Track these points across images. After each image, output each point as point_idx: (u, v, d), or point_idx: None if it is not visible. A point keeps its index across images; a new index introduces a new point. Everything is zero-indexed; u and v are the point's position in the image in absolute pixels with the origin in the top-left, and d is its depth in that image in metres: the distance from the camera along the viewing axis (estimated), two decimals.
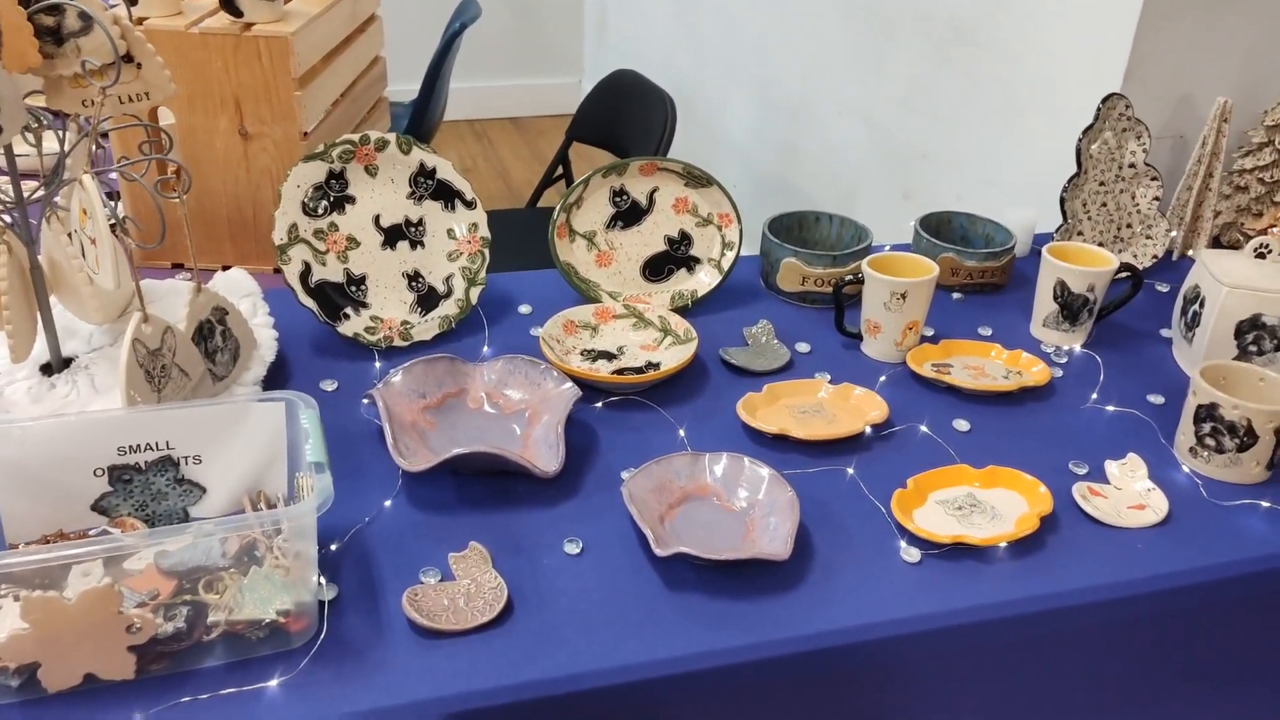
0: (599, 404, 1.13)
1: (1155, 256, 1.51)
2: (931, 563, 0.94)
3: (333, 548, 0.89)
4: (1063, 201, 1.46)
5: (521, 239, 2.32)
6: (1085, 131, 1.44)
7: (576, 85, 4.70)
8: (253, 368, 1.07)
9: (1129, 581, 0.93)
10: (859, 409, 1.14)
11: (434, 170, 1.24)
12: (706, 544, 0.93)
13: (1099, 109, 1.44)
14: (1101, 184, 1.48)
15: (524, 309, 1.32)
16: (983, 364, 1.25)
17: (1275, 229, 1.38)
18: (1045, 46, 1.74)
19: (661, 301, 1.33)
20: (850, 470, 1.04)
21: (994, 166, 1.92)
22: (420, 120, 2.76)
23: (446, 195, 1.25)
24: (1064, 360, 1.28)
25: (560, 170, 2.60)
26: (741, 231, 1.35)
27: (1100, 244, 1.50)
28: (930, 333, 1.32)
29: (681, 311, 1.33)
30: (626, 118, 2.34)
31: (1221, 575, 0.95)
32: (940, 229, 1.52)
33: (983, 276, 1.43)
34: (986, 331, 1.34)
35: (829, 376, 1.21)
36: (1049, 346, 1.31)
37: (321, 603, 0.83)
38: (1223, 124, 1.51)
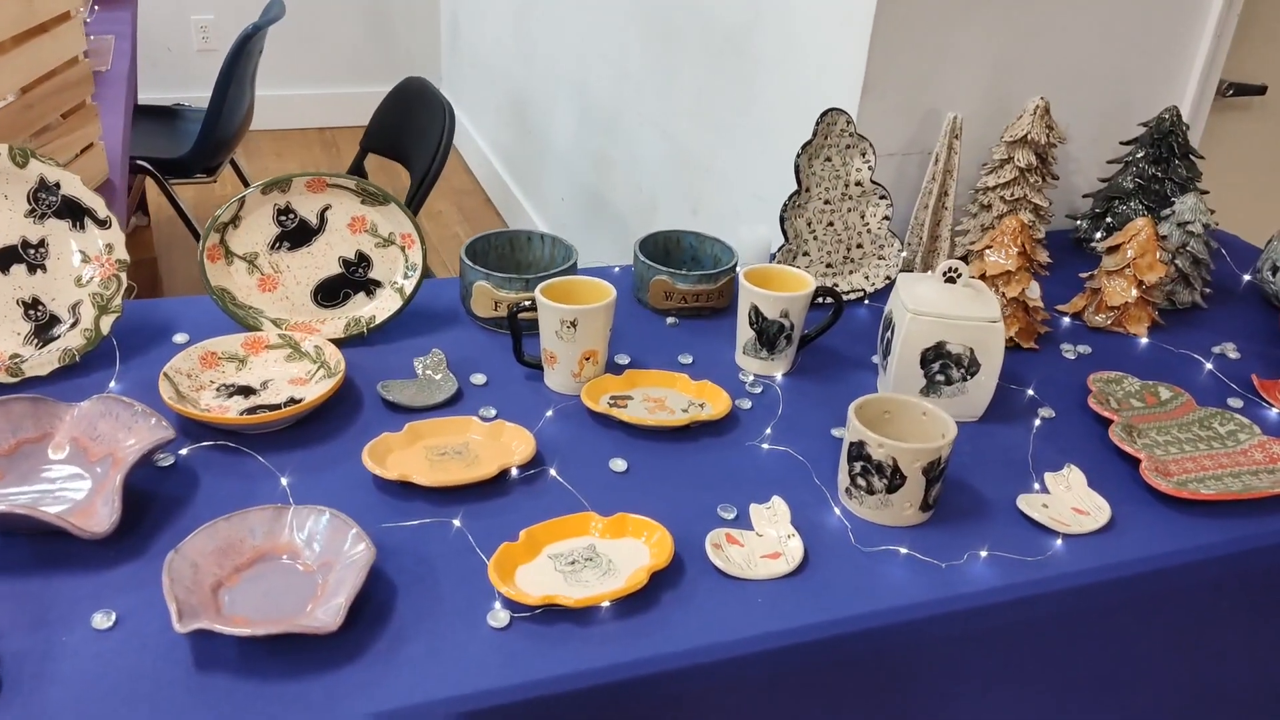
0: (185, 450, 1.02)
1: (889, 278, 1.46)
2: (522, 628, 0.85)
3: None
4: (783, 221, 1.39)
5: None
6: (804, 148, 1.37)
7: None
8: None
9: (731, 642, 0.85)
10: (508, 449, 1.05)
11: (58, 185, 1.12)
12: (270, 612, 0.82)
13: (817, 126, 1.37)
14: (827, 202, 1.41)
15: (180, 338, 1.20)
16: (665, 395, 1.17)
17: (990, 250, 1.33)
18: (798, 56, 1.68)
19: (335, 329, 1.22)
20: (456, 522, 0.95)
21: (763, 181, 1.85)
22: (214, 126, 2.62)
23: (74, 213, 1.13)
24: (759, 390, 1.21)
25: None
26: (426, 253, 1.26)
27: (829, 265, 1.44)
28: (626, 360, 1.24)
29: (358, 340, 1.23)
30: (412, 128, 2.23)
31: (841, 630, 0.88)
32: (670, 249, 1.44)
33: (698, 300, 1.35)
34: (687, 360, 1.26)
35: (494, 412, 1.12)
36: (748, 375, 1.24)
37: None
38: (954, 139, 1.46)
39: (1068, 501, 1.04)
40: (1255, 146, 2.00)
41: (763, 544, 0.96)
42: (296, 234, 1.22)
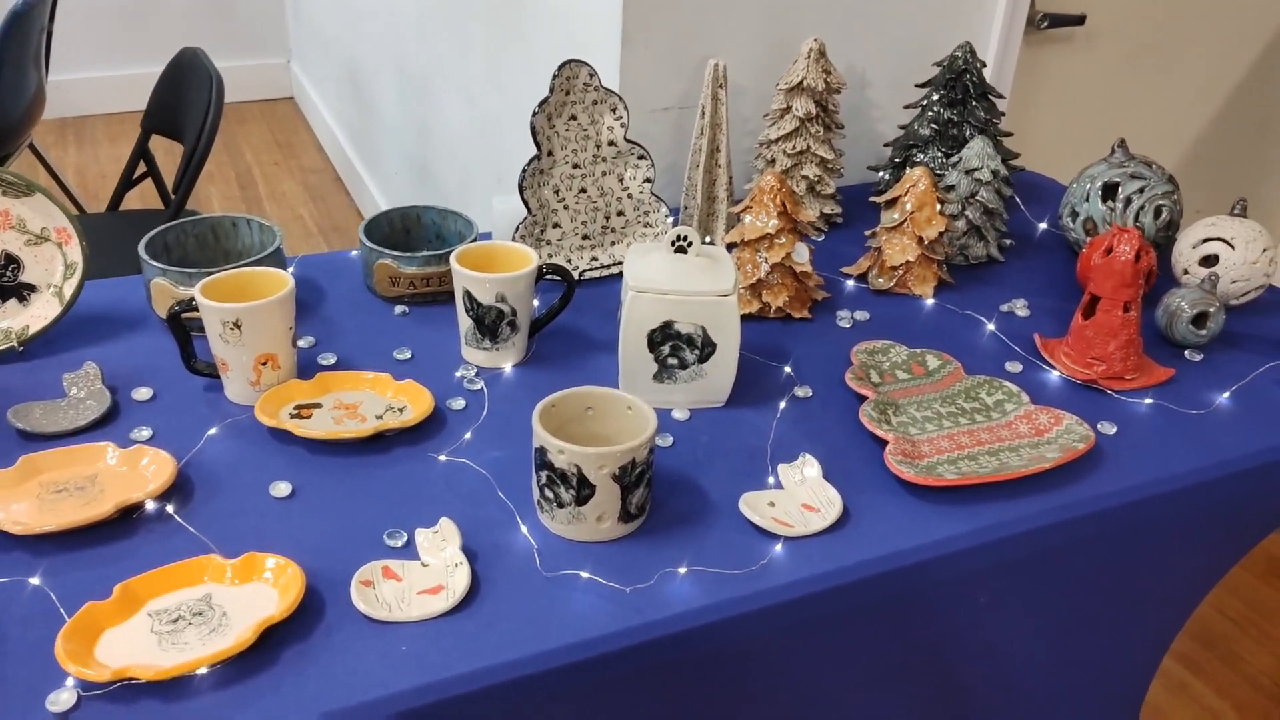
0: None
1: None
2: (92, 710, 0.69)
3: None
4: (523, 190, 1.24)
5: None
6: (540, 106, 1.22)
7: (284, 66, 4.32)
8: None
9: (349, 709, 0.71)
10: (144, 480, 0.89)
11: None
12: None
13: (554, 80, 1.22)
14: (576, 166, 1.26)
15: None
16: (361, 400, 1.02)
17: (748, 213, 1.19)
18: (564, 6, 1.52)
19: None
20: (35, 580, 0.78)
21: None
22: None
23: None
24: (479, 387, 1.06)
25: (143, 168, 2.26)
26: (86, 249, 1.08)
27: (586, 236, 1.29)
28: (331, 360, 1.08)
29: (9, 355, 1.05)
30: (186, 103, 2.03)
31: (496, 680, 0.74)
32: (410, 228, 1.28)
33: (428, 285, 1.20)
34: (404, 355, 1.10)
35: (149, 433, 0.96)
36: (471, 369, 1.09)
37: None
38: (718, 89, 1.32)
39: (799, 497, 0.92)
40: (1077, 80, 1.89)
41: (424, 576, 0.81)
42: None
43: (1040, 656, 1.14)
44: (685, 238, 1.03)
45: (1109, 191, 1.33)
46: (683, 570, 0.83)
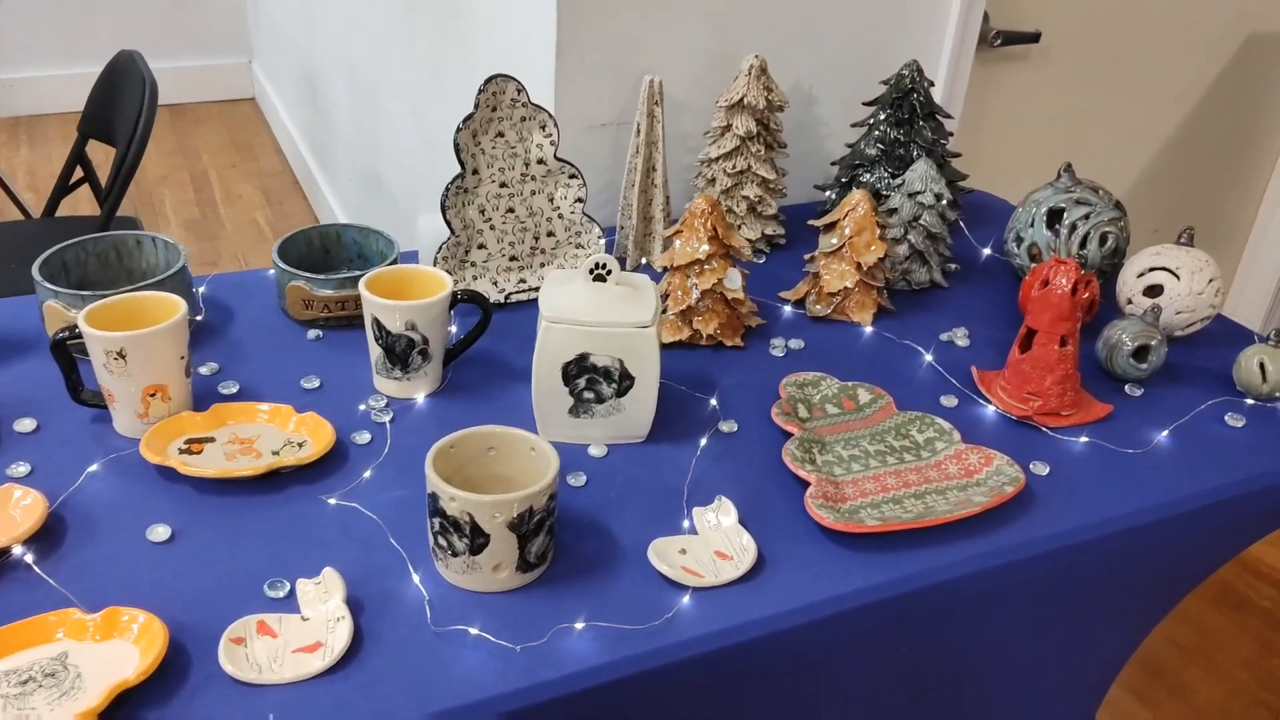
0: None
1: None
2: None
3: None
4: (445, 210, 1.19)
5: (33, 255, 1.91)
6: (464, 122, 1.17)
7: (246, 67, 4.25)
8: None
9: None
10: (12, 523, 0.83)
11: None
12: None
13: (479, 96, 1.17)
14: (503, 185, 1.21)
15: None
16: (259, 434, 0.96)
17: (678, 238, 1.14)
18: (503, 15, 1.47)
19: None
20: None
21: None
22: None
23: None
24: (388, 419, 1.01)
25: (80, 173, 2.19)
26: None
27: (513, 258, 1.24)
28: (233, 389, 1.03)
29: None
30: (121, 107, 1.96)
31: None
32: (330, 248, 1.23)
33: (343, 308, 1.15)
34: (312, 384, 1.05)
35: (27, 469, 0.90)
36: (380, 400, 1.04)
37: None
38: (654, 106, 1.27)
39: (712, 543, 0.87)
40: (1031, 98, 1.86)
41: (303, 632, 0.76)
42: None
43: (975, 698, 1.10)
44: (604, 265, 0.98)
45: (1054, 217, 1.29)
46: (579, 625, 0.78)
